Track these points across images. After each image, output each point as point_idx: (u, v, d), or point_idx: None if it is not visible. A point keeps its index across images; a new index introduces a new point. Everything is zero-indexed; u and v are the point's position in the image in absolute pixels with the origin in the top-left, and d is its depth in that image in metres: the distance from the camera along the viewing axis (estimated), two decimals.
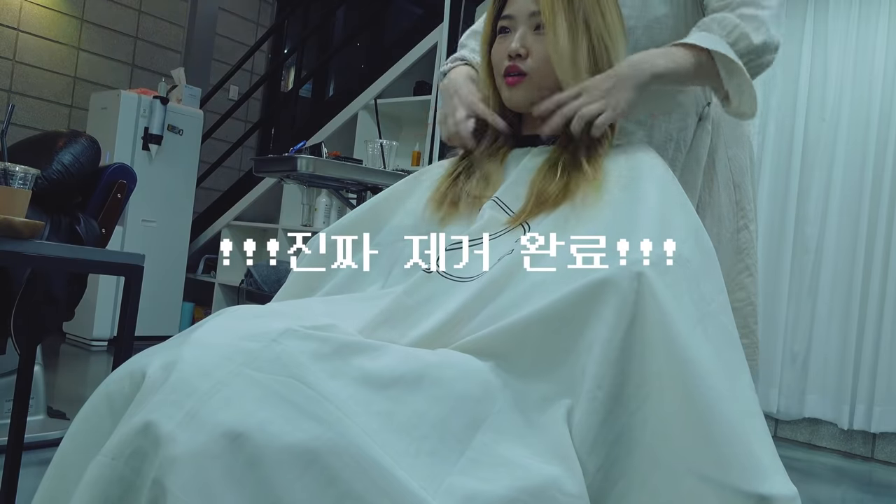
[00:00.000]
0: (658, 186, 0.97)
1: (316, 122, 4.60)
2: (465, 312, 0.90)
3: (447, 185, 1.10)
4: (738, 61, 1.12)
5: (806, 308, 3.44)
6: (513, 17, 1.08)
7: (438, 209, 1.08)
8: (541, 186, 1.01)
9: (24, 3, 4.58)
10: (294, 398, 0.69)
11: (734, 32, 1.14)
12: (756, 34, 1.15)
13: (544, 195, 1.00)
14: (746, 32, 1.15)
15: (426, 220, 1.08)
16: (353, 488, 0.66)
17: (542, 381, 0.85)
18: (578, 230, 0.93)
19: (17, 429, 1.65)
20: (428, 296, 0.93)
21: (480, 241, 0.98)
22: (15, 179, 1.31)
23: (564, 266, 0.89)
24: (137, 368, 0.74)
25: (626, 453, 0.81)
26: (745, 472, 0.77)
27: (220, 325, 0.77)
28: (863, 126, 3.37)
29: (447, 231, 1.04)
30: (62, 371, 3.63)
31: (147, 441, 0.66)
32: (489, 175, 1.09)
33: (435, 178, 1.14)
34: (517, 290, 0.89)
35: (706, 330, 0.86)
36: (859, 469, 3.17)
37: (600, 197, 0.97)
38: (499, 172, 1.09)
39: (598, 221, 0.93)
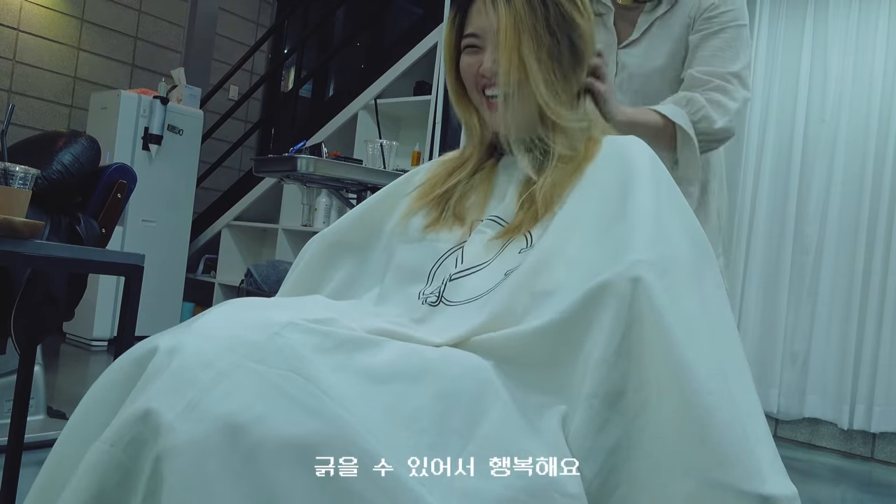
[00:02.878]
0: (652, 185, 0.96)
1: (316, 122, 4.60)
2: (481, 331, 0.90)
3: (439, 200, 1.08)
4: (694, 139, 1.33)
5: (806, 308, 3.44)
6: (478, 35, 1.04)
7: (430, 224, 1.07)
8: (533, 194, 1.00)
9: (24, 3, 4.58)
10: (294, 392, 0.69)
11: (699, 113, 1.35)
12: (719, 120, 1.37)
13: (538, 203, 0.99)
14: (711, 117, 1.36)
15: (418, 230, 1.07)
16: (350, 484, 0.66)
17: (539, 386, 0.85)
18: (576, 236, 0.93)
19: (17, 429, 1.65)
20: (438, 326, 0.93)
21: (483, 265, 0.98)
22: (15, 179, 1.31)
23: (567, 275, 0.89)
24: (143, 353, 0.74)
25: (624, 460, 0.80)
26: (745, 473, 0.77)
27: (224, 315, 0.77)
28: (863, 126, 3.37)
29: (440, 245, 1.03)
30: (62, 371, 3.63)
31: (147, 429, 0.66)
32: (480, 190, 1.08)
33: (427, 178, 1.13)
34: (528, 305, 0.89)
35: (708, 331, 0.85)
36: (859, 469, 3.17)
37: (594, 200, 0.96)
38: (489, 187, 1.08)
39: (594, 225, 0.93)
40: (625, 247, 0.87)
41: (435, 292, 0.98)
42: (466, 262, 0.99)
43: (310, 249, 1.16)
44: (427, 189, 1.11)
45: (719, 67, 1.40)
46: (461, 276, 0.98)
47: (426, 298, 0.98)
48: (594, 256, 0.89)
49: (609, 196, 0.96)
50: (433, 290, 0.99)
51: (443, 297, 0.97)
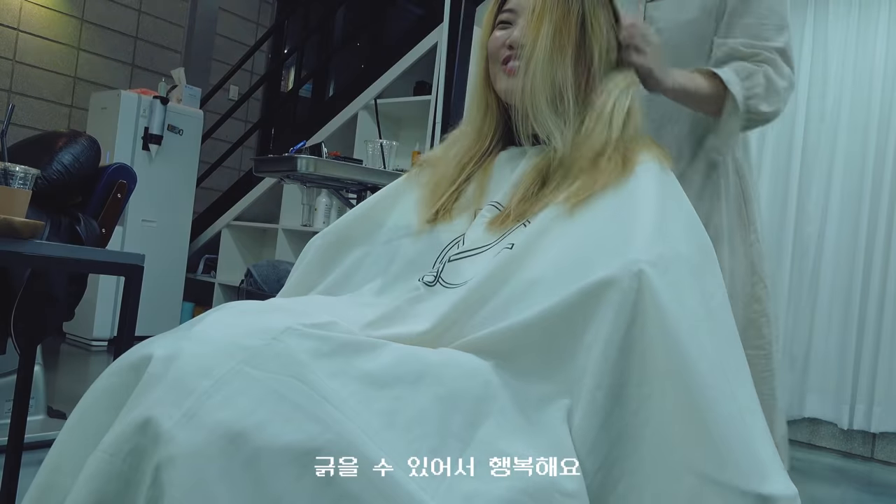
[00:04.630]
0: (655, 181, 0.96)
1: (316, 122, 4.60)
2: (463, 306, 0.90)
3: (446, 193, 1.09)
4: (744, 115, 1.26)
5: (806, 308, 3.44)
6: (514, 10, 1.07)
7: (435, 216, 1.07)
8: (536, 184, 1.01)
9: (24, 3, 4.58)
10: (293, 398, 0.69)
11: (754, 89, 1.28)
12: (767, 104, 1.30)
13: (541, 192, 0.99)
14: (761, 96, 1.29)
15: (422, 223, 1.07)
16: (350, 489, 0.66)
17: (542, 381, 0.85)
18: (575, 228, 0.93)
19: (17, 429, 1.65)
20: (432, 305, 0.93)
21: (484, 248, 0.98)
22: (15, 179, 1.31)
23: (562, 263, 0.89)
24: (138, 359, 0.74)
25: (627, 454, 0.80)
26: (745, 472, 0.77)
27: (221, 321, 0.77)
28: (863, 126, 3.37)
29: (443, 236, 1.04)
30: (62, 371, 3.63)
31: (146, 439, 0.66)
32: (484, 179, 1.08)
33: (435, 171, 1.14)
34: (515, 287, 0.89)
35: (709, 327, 0.86)
36: (859, 469, 3.17)
37: (598, 193, 0.96)
38: (493, 175, 1.08)
39: (596, 219, 0.93)
40: (627, 244, 0.87)
41: (433, 273, 0.98)
42: (467, 245, 1.00)
43: (312, 248, 1.15)
44: (436, 183, 1.11)
45: (765, 42, 1.31)
46: (459, 258, 0.98)
47: (423, 278, 0.98)
48: (592, 251, 0.89)
49: (612, 191, 0.96)
50: (433, 272, 0.99)
51: (440, 277, 0.97)
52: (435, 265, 1.01)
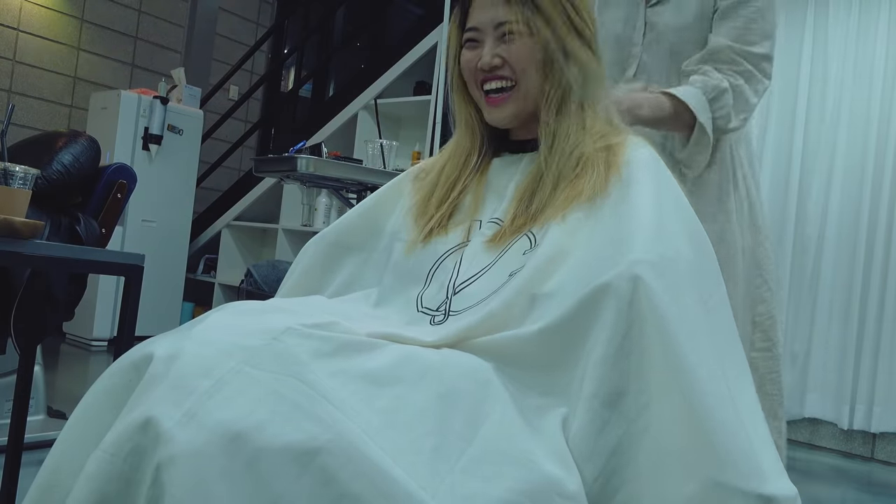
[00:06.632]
0: (652, 183, 0.96)
1: (316, 122, 4.60)
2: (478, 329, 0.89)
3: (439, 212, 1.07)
4: (711, 135, 1.32)
5: (806, 308, 3.44)
6: (478, 28, 1.05)
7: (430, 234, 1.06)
8: (527, 197, 1.00)
9: (24, 3, 4.58)
10: (294, 397, 0.69)
11: (722, 110, 1.33)
12: (736, 120, 1.35)
13: (534, 204, 0.99)
14: (728, 116, 1.34)
15: (418, 232, 1.06)
16: (350, 489, 0.66)
17: (540, 388, 0.85)
18: (578, 237, 0.92)
19: (17, 429, 1.65)
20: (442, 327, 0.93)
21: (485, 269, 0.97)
22: (15, 179, 1.31)
23: (568, 278, 0.88)
24: (139, 358, 0.74)
25: (626, 462, 0.80)
26: (745, 473, 0.77)
27: (222, 321, 0.77)
28: (863, 126, 3.37)
29: (439, 247, 1.03)
30: (62, 371, 3.63)
31: (146, 439, 0.66)
32: (478, 190, 1.07)
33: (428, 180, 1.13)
34: (524, 305, 0.89)
35: (708, 329, 0.85)
36: (859, 469, 3.17)
37: (597, 199, 0.96)
38: (487, 185, 1.07)
39: (595, 226, 0.92)
40: (624, 248, 0.86)
41: (442, 309, 0.96)
42: (468, 267, 0.98)
43: (309, 250, 1.15)
44: (428, 192, 1.11)
45: (749, 46, 1.36)
46: (465, 287, 0.97)
47: (433, 318, 0.96)
48: (595, 258, 0.88)
49: (610, 196, 0.95)
50: (439, 303, 0.97)
51: (450, 312, 0.95)
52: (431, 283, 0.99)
